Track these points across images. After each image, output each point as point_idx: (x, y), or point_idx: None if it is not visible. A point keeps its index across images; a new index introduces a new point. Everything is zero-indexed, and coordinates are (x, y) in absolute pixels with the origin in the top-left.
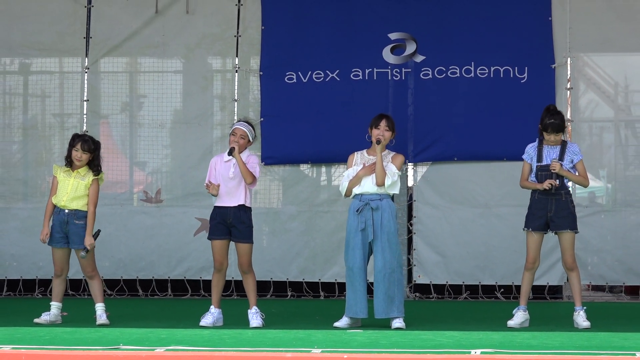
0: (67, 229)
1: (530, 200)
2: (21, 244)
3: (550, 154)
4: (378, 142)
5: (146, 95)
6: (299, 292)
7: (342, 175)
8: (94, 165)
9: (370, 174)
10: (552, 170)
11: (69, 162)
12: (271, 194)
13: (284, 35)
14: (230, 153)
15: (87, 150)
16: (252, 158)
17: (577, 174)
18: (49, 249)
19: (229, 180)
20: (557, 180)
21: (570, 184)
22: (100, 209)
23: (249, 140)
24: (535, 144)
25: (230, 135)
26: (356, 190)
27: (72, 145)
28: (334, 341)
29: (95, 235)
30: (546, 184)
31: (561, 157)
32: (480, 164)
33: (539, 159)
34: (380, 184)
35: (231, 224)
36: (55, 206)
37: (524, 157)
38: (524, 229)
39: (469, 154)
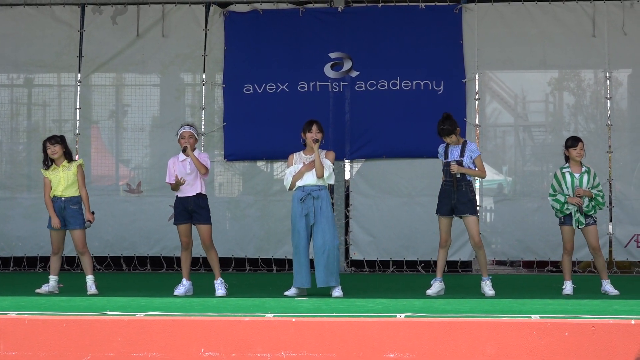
0: (65, 213)
1: (439, 190)
2: (25, 228)
3: (453, 153)
4: (317, 141)
5: (129, 104)
6: (256, 267)
7: (285, 173)
8: (67, 154)
9: (310, 169)
10: (452, 172)
11: (50, 163)
12: (232, 186)
13: (243, 55)
14: (184, 151)
15: (55, 142)
16: (202, 155)
17: (476, 168)
18: (48, 232)
19: (187, 175)
20: (457, 171)
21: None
22: (91, 198)
23: (196, 138)
24: (444, 145)
25: (180, 139)
26: (299, 183)
27: (45, 149)
28: (284, 307)
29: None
30: (451, 170)
31: (462, 154)
32: (404, 161)
33: (445, 157)
34: (320, 175)
35: (192, 210)
36: (52, 199)
37: (438, 156)
38: (436, 214)
39: (396, 152)
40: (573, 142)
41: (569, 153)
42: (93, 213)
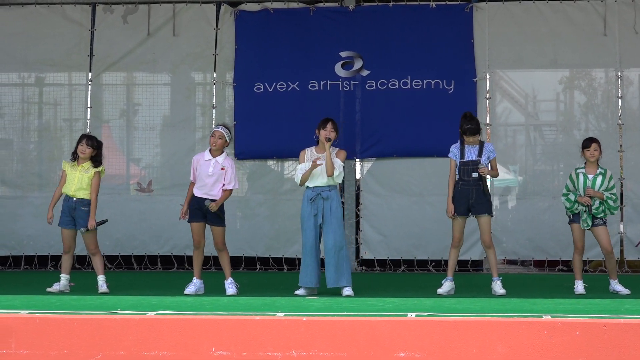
0: (75, 213)
1: (454, 190)
2: (36, 226)
3: (471, 153)
4: (329, 139)
5: (140, 104)
6: (266, 266)
7: (296, 169)
8: (96, 160)
9: (316, 167)
10: (482, 174)
11: (75, 157)
12: (242, 185)
13: (254, 54)
14: (209, 206)
15: (90, 145)
16: (228, 162)
17: (490, 167)
18: (60, 230)
19: (208, 176)
20: (477, 173)
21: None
22: (102, 197)
23: (226, 141)
24: (458, 144)
25: (210, 137)
26: (309, 183)
27: (79, 142)
28: (295, 306)
29: (100, 222)
30: (480, 172)
31: (480, 155)
32: (415, 160)
33: (462, 156)
34: (330, 174)
35: (207, 211)
36: (60, 195)
37: (449, 155)
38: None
39: (406, 151)
40: (587, 143)
41: (584, 154)
42: (103, 222)
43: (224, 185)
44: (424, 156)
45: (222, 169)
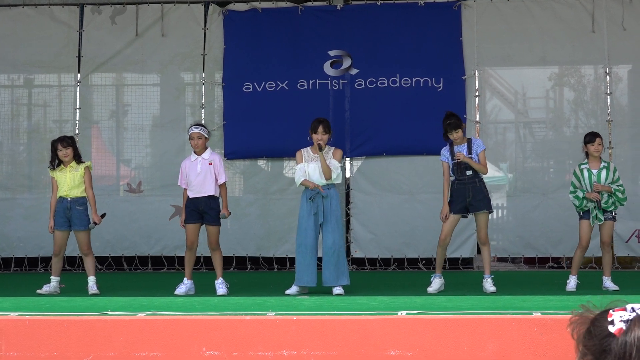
0: (70, 214)
1: (451, 190)
2: (26, 228)
3: (460, 151)
4: (320, 148)
5: (129, 104)
6: (257, 265)
7: (295, 169)
8: (77, 155)
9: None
10: (457, 159)
11: (58, 164)
12: (233, 184)
13: (242, 53)
14: (224, 217)
15: (67, 145)
16: (214, 156)
17: (478, 161)
18: (48, 232)
19: (198, 175)
20: (464, 163)
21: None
22: None
23: (206, 137)
24: (447, 146)
25: (190, 141)
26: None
27: (55, 149)
28: (285, 306)
29: (102, 215)
30: (457, 156)
31: (469, 152)
32: (404, 158)
33: (453, 157)
34: (328, 179)
35: (203, 211)
36: (57, 199)
37: (441, 159)
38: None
39: (396, 149)
40: (591, 137)
41: (587, 149)
42: (103, 215)
43: (217, 180)
44: (413, 154)
45: (209, 163)
